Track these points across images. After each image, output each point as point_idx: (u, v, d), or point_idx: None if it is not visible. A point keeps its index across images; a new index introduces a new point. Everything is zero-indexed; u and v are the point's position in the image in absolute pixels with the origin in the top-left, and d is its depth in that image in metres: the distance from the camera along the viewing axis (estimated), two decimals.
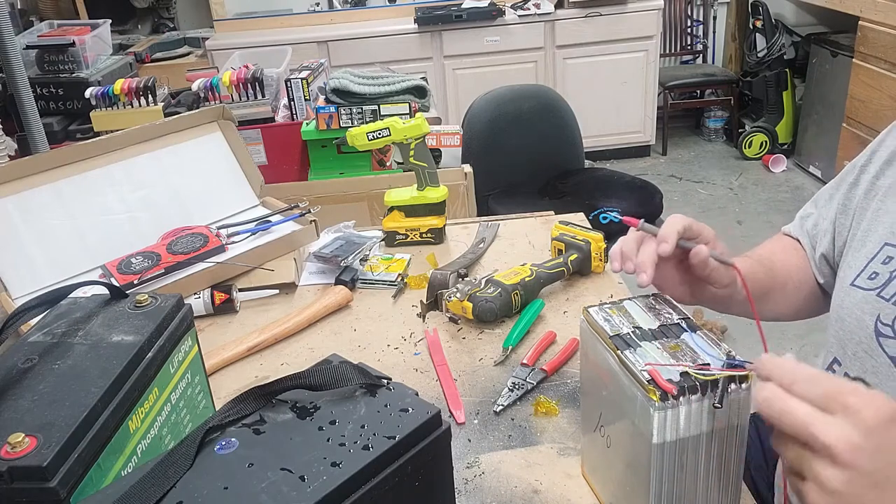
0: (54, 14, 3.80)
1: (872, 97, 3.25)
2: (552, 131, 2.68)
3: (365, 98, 2.08)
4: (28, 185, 1.32)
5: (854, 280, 0.82)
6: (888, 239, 0.80)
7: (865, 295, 0.79)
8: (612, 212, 2.34)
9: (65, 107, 2.33)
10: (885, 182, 0.84)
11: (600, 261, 1.27)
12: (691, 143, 4.66)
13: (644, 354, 0.67)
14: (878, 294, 0.77)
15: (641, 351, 0.68)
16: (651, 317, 0.73)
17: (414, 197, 1.44)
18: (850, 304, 0.81)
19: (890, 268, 0.78)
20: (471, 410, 0.99)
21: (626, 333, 0.70)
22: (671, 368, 0.65)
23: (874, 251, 0.81)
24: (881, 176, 0.85)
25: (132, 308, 0.78)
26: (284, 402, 0.64)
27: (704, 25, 4.64)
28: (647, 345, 0.69)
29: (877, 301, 0.77)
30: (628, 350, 0.68)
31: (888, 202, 0.82)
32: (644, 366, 0.65)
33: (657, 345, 0.69)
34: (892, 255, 0.79)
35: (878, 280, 0.78)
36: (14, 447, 0.58)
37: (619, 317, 0.74)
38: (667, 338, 0.69)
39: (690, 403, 0.64)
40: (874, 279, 0.79)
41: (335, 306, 1.25)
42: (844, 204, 0.90)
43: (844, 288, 0.83)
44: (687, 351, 0.67)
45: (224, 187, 1.52)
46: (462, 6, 3.95)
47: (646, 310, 0.74)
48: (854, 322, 0.79)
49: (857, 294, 0.80)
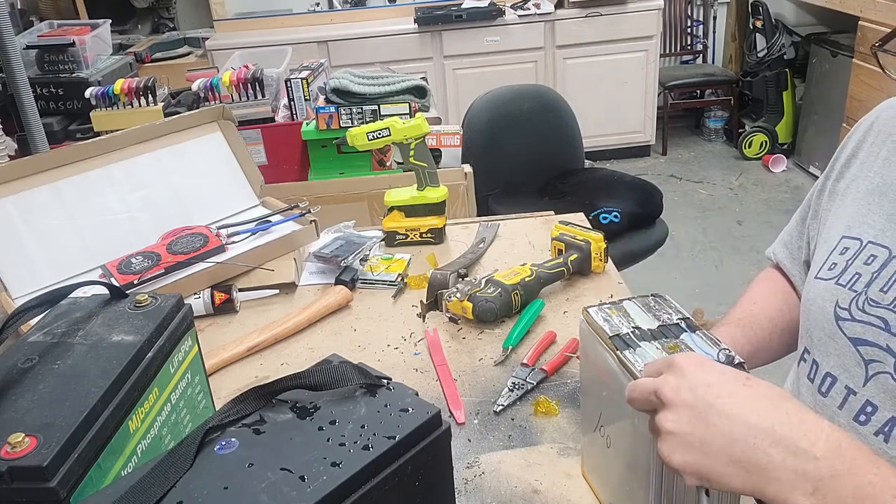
0: (54, 14, 3.80)
1: (872, 97, 3.25)
2: (552, 131, 2.67)
3: (365, 98, 2.08)
4: (28, 185, 1.32)
5: (817, 273, 0.87)
6: (845, 232, 0.86)
7: (826, 284, 0.84)
8: (613, 212, 2.34)
9: (65, 107, 2.33)
10: (842, 184, 0.90)
11: (600, 261, 1.27)
12: (691, 143, 4.66)
13: (643, 355, 0.67)
14: (836, 282, 0.83)
15: (641, 351, 0.68)
16: (650, 317, 0.73)
17: (414, 197, 1.44)
18: (814, 295, 0.86)
19: (846, 257, 0.84)
20: (471, 410, 0.99)
21: (625, 334, 0.70)
22: None
23: (833, 245, 0.86)
24: (840, 179, 0.91)
25: (132, 308, 0.78)
26: (284, 402, 0.64)
27: (704, 25, 4.64)
28: (646, 345, 0.69)
29: (835, 288, 0.83)
30: (627, 350, 0.68)
31: (846, 201, 0.88)
32: (643, 366, 0.65)
33: (656, 345, 0.68)
34: (848, 245, 0.84)
35: (836, 270, 0.84)
36: (14, 447, 0.58)
37: (618, 317, 0.74)
38: (666, 338, 0.69)
39: None
40: (833, 269, 0.84)
41: (335, 306, 1.25)
42: (815, 209, 0.96)
43: (811, 282, 0.88)
44: (686, 350, 0.67)
45: (224, 187, 1.52)
46: (462, 6, 3.95)
47: (645, 310, 0.74)
48: (817, 311, 0.84)
49: (820, 285, 0.85)
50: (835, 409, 0.80)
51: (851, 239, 0.84)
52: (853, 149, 0.91)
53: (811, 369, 0.85)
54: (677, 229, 3.51)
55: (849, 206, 0.87)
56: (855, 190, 0.88)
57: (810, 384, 0.84)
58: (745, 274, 3.19)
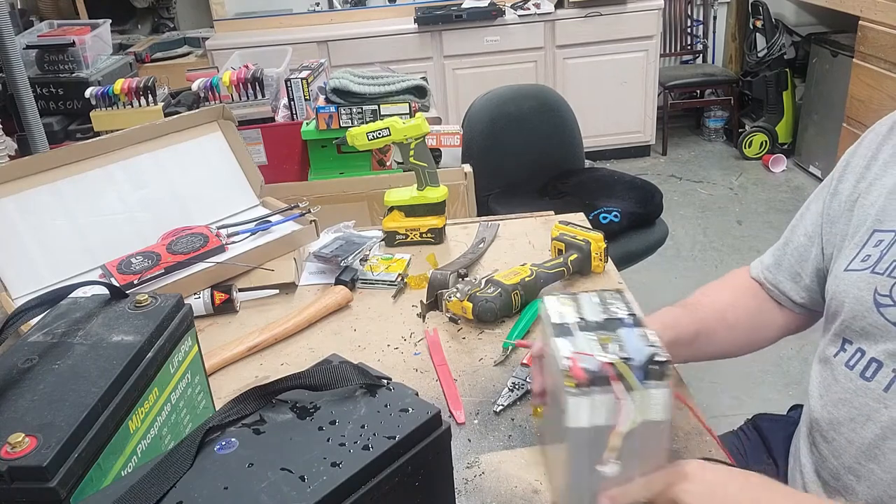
0: (54, 14, 3.80)
1: (872, 97, 3.25)
2: (552, 131, 2.67)
3: (365, 98, 2.08)
4: (28, 185, 1.32)
5: (847, 266, 0.89)
6: (875, 226, 0.88)
7: (860, 274, 0.86)
8: (613, 212, 2.34)
9: (65, 107, 2.33)
10: (864, 184, 0.92)
11: (600, 261, 1.27)
12: (691, 143, 4.66)
13: (575, 343, 0.69)
14: (871, 272, 0.85)
15: (574, 339, 0.70)
16: (601, 310, 0.76)
17: (414, 197, 1.44)
18: (845, 287, 0.88)
19: (880, 248, 0.86)
20: (471, 410, 0.99)
21: (569, 323, 0.74)
22: (594, 359, 0.67)
23: (864, 239, 0.89)
24: (861, 180, 0.93)
25: (132, 308, 0.78)
26: (284, 402, 0.64)
27: (704, 25, 4.64)
28: (583, 335, 0.71)
29: (871, 277, 0.85)
30: (563, 338, 0.71)
31: (870, 199, 0.91)
32: (570, 353, 0.67)
33: (593, 336, 0.71)
34: (881, 238, 0.87)
35: (870, 261, 0.86)
36: (14, 447, 0.58)
37: (570, 307, 0.77)
38: (604, 330, 0.72)
39: (608, 394, 0.66)
40: (867, 260, 0.87)
41: (335, 306, 1.25)
42: (827, 213, 0.97)
43: (839, 276, 0.90)
44: (616, 345, 0.69)
45: (224, 187, 1.52)
46: (462, 6, 3.95)
47: (599, 303, 0.77)
48: (853, 301, 0.86)
49: (852, 276, 0.87)
50: (880, 392, 0.82)
51: (884, 231, 0.87)
52: (874, 150, 0.93)
53: (852, 357, 0.86)
54: (677, 229, 3.51)
55: (875, 203, 0.89)
56: (879, 187, 0.90)
57: (849, 371, 0.86)
58: None
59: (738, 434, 1.17)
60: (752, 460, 1.10)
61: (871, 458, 0.82)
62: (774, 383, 2.49)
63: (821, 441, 0.90)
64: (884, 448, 0.81)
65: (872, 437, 0.82)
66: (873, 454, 0.82)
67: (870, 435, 0.82)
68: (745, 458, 1.11)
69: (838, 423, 0.87)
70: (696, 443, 0.90)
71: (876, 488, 0.82)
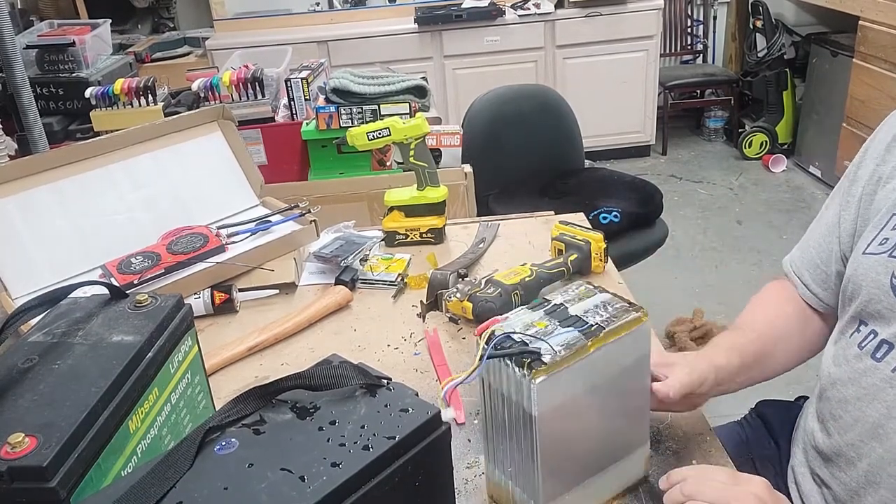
0: (54, 14, 3.80)
1: (872, 97, 3.25)
2: (552, 131, 2.67)
3: (365, 98, 2.08)
4: (28, 185, 1.32)
5: (865, 249, 0.89)
6: (895, 210, 0.88)
7: (878, 258, 0.86)
8: (613, 212, 2.34)
9: (65, 107, 2.33)
10: (886, 168, 0.92)
11: (600, 261, 1.27)
12: (691, 143, 4.65)
13: (515, 320, 0.77)
14: (889, 255, 0.85)
15: (530, 314, 0.78)
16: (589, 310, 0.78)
17: (414, 197, 1.44)
18: (864, 270, 0.88)
19: None
20: (471, 410, 0.99)
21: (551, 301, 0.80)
22: (513, 334, 0.73)
23: (883, 221, 0.89)
24: (882, 163, 0.93)
25: (132, 308, 0.78)
26: (284, 402, 0.64)
27: (704, 25, 4.64)
28: (536, 313, 0.78)
29: (888, 261, 0.85)
30: (528, 309, 0.79)
31: (892, 183, 0.90)
32: (492, 324, 0.75)
33: (541, 318, 0.77)
34: None
35: (887, 244, 0.86)
36: (14, 447, 0.58)
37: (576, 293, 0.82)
38: (556, 320, 0.76)
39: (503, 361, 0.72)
40: (884, 244, 0.87)
41: (335, 306, 1.25)
42: (847, 200, 0.97)
43: (857, 258, 0.90)
44: (541, 331, 0.74)
45: (224, 187, 1.52)
46: (462, 6, 3.95)
47: (596, 305, 0.79)
48: (870, 283, 0.86)
49: (870, 259, 0.87)
50: (888, 372, 0.83)
51: None
52: (894, 135, 0.93)
53: (865, 338, 0.87)
54: (677, 229, 3.50)
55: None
56: None
57: (859, 351, 0.87)
58: (745, 274, 3.19)
59: (741, 423, 1.19)
60: (755, 445, 1.12)
61: (874, 436, 0.83)
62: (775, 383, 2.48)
63: (829, 418, 0.91)
64: (887, 428, 0.82)
65: (878, 416, 0.83)
66: (877, 433, 0.83)
67: (875, 414, 0.83)
68: (748, 446, 1.12)
69: (846, 402, 0.87)
70: (697, 443, 0.90)
71: (876, 466, 0.83)
